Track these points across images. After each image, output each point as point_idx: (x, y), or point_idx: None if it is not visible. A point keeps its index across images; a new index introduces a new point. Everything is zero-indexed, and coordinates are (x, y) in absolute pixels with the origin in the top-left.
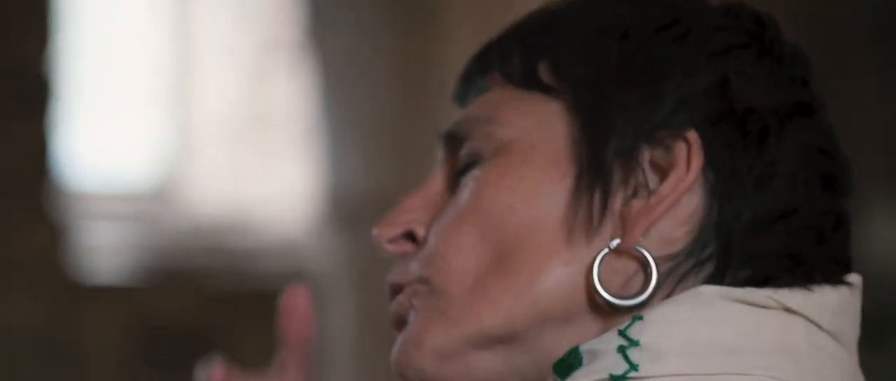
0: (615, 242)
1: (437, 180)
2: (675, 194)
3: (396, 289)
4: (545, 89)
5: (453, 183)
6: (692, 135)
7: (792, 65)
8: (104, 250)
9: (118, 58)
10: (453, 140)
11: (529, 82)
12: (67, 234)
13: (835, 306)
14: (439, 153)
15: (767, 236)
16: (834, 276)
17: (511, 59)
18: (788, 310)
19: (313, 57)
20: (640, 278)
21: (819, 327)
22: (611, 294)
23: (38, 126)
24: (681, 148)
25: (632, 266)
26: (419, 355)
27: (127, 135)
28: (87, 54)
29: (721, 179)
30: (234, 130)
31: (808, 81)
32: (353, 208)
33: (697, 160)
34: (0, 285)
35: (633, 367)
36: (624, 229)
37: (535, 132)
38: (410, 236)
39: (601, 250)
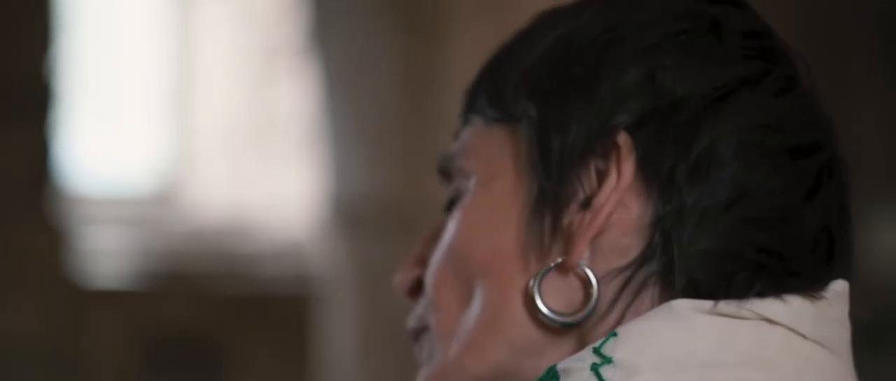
0: (557, 260)
1: (440, 223)
2: (611, 203)
3: (412, 335)
4: (503, 118)
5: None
6: (622, 138)
7: (734, 40)
8: (106, 254)
9: (120, 62)
10: (445, 174)
11: (492, 113)
12: (69, 238)
13: (816, 313)
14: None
15: (719, 228)
16: (812, 267)
17: (479, 91)
18: (767, 320)
19: (316, 61)
20: (585, 293)
21: (802, 336)
22: (553, 312)
23: (40, 131)
24: (613, 154)
25: (578, 283)
26: None
27: (129, 139)
28: (89, 59)
29: (657, 180)
30: (237, 134)
31: (761, 51)
32: (357, 212)
33: (628, 164)
34: (2, 289)
35: None
36: (567, 247)
37: (496, 161)
38: (421, 285)
39: (544, 268)
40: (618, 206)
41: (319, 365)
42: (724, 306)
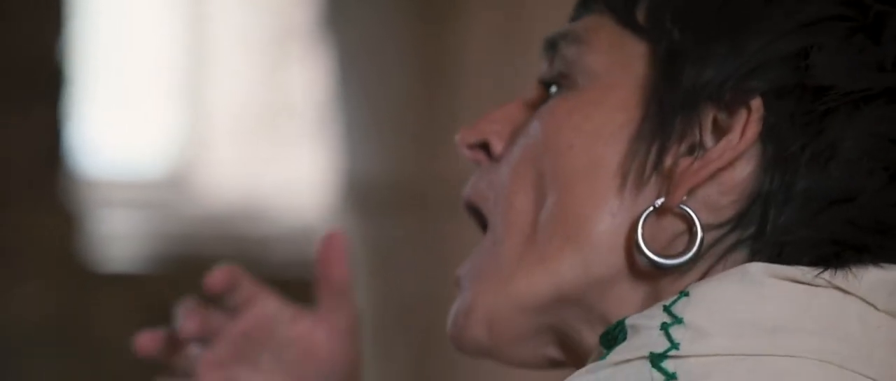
0: (660, 201)
1: (531, 93)
2: (722, 160)
3: (470, 206)
4: (638, 29)
5: (542, 99)
6: (755, 102)
7: (891, 45)
8: (118, 237)
9: (132, 45)
10: (552, 49)
11: (627, 18)
12: (81, 221)
13: (891, 285)
14: (541, 64)
15: (818, 220)
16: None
17: None
18: (841, 290)
19: (328, 43)
20: (683, 239)
21: (874, 307)
22: (654, 253)
23: (52, 114)
24: (741, 114)
25: (675, 226)
26: (471, 324)
27: (141, 123)
28: (102, 43)
29: (777, 153)
30: (249, 117)
31: None
32: (369, 194)
33: (753, 129)
34: (14, 273)
35: (675, 345)
36: (668, 188)
37: (617, 71)
38: (486, 147)
39: (647, 206)
40: (728, 165)
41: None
42: (798, 272)
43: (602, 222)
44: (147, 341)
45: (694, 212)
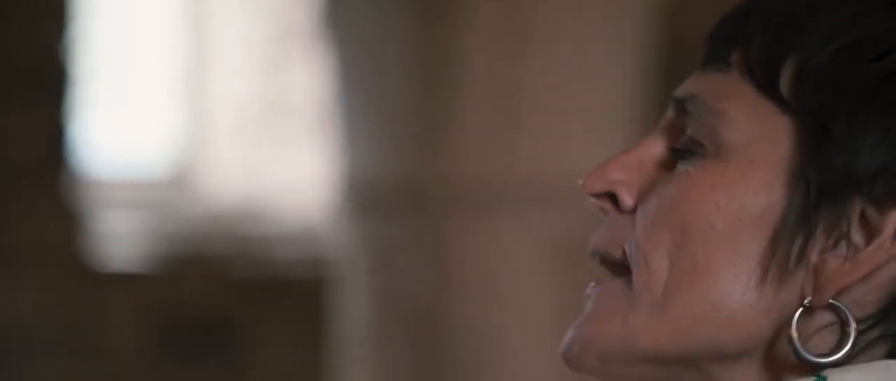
0: (808, 299)
1: (656, 143)
2: (874, 264)
3: (599, 253)
4: (781, 101)
5: (670, 158)
6: None
7: None
8: (121, 237)
9: (135, 46)
10: (681, 108)
11: (768, 86)
12: (84, 221)
13: None
14: (667, 114)
15: None
16: None
17: (755, 45)
18: None
19: (330, 43)
20: (828, 334)
21: None
22: (805, 350)
23: (55, 114)
24: (893, 214)
25: (820, 320)
26: (585, 356)
27: (143, 123)
28: (104, 43)
29: None
30: (250, 117)
31: None
32: (370, 194)
33: None
34: (17, 272)
35: None
36: (815, 286)
37: (760, 146)
38: (613, 197)
39: (789, 298)
40: (881, 265)
41: (333, 347)
42: None
43: (742, 310)
44: None
45: (846, 309)
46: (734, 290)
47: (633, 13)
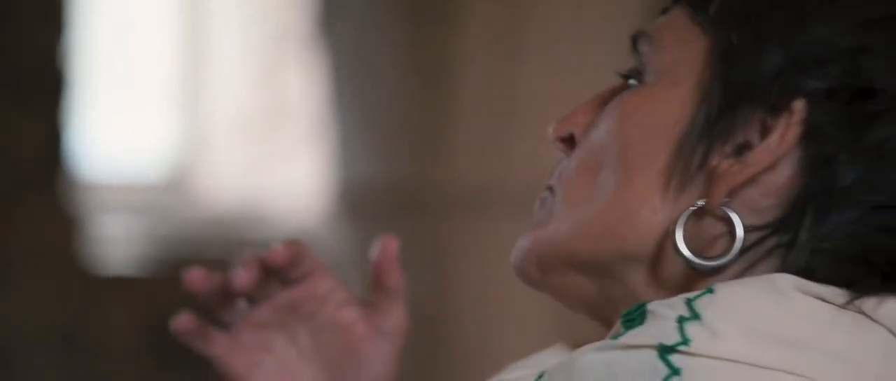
0: (700, 202)
1: (617, 85)
2: (761, 163)
3: (548, 187)
4: (706, 24)
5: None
6: (798, 104)
7: None
8: (118, 240)
9: (132, 50)
10: (634, 46)
11: (700, 12)
12: (81, 225)
13: None
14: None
15: (858, 230)
16: None
17: None
18: (867, 316)
19: (325, 49)
20: (723, 241)
21: None
22: (692, 253)
23: (52, 118)
24: (784, 116)
25: (717, 227)
26: (527, 262)
27: (140, 126)
28: (101, 47)
29: (819, 156)
30: (248, 121)
31: None
32: (367, 198)
33: (793, 132)
34: (14, 276)
35: (685, 341)
36: (709, 188)
37: (683, 67)
38: (572, 139)
39: (688, 205)
40: (768, 167)
41: None
42: (827, 292)
43: (643, 216)
44: (198, 278)
45: (736, 214)
46: (642, 199)
47: (632, 13)
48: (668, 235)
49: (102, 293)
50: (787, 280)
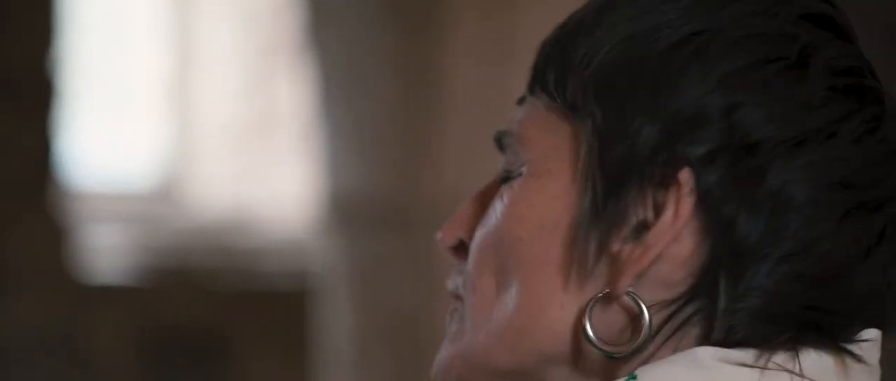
0: (604, 290)
1: (493, 185)
2: (661, 242)
3: (452, 297)
4: (567, 109)
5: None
6: (684, 174)
7: (820, 79)
8: (108, 250)
9: (121, 59)
10: (499, 145)
11: (557, 99)
12: (71, 234)
13: (845, 367)
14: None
15: (770, 285)
16: (857, 326)
17: (548, 65)
18: (792, 373)
19: (313, 59)
20: (630, 323)
21: None
22: (603, 343)
23: (42, 127)
24: (673, 189)
25: (628, 312)
26: (447, 378)
27: (130, 136)
28: (91, 56)
29: (719, 220)
30: (237, 130)
31: (847, 91)
32: (354, 208)
33: (686, 203)
34: (5, 285)
35: None
36: (614, 275)
37: (553, 156)
38: (463, 245)
39: (595, 295)
40: (671, 242)
41: (318, 359)
42: (748, 356)
43: (552, 314)
44: None
45: (643, 296)
46: (548, 297)
47: None
48: (581, 328)
49: (93, 302)
50: (708, 353)
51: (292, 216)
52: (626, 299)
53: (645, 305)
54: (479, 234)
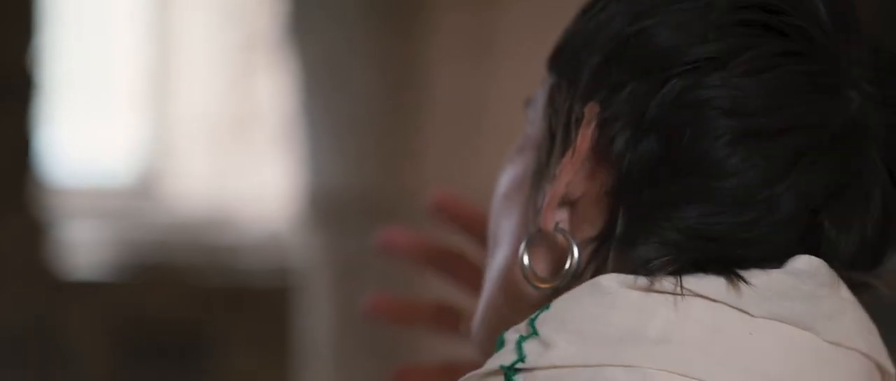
0: (536, 229)
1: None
2: (567, 174)
3: None
4: (556, 79)
5: None
6: (590, 107)
7: (720, 12)
8: (87, 246)
9: (100, 54)
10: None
11: (550, 68)
12: (50, 230)
13: (768, 290)
14: None
15: (677, 211)
16: (779, 250)
17: (563, 42)
18: (704, 297)
19: (294, 54)
20: (564, 259)
21: (747, 313)
22: (536, 278)
23: (20, 122)
24: (584, 124)
25: (559, 249)
26: (476, 332)
27: (109, 131)
28: (69, 51)
29: (615, 150)
30: (216, 126)
31: (747, 24)
32: (334, 207)
33: (585, 137)
34: None
35: (521, 358)
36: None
37: (538, 124)
38: None
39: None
40: (580, 176)
41: (298, 355)
42: (655, 281)
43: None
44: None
45: (575, 235)
46: (513, 246)
47: None
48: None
49: (72, 298)
50: (611, 278)
51: (272, 213)
52: (557, 235)
53: (574, 239)
54: (493, 203)
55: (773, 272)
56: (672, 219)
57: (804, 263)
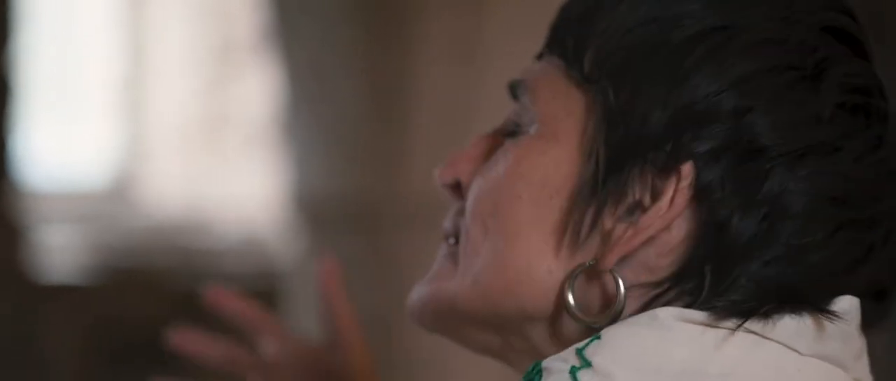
0: (590, 262)
1: (500, 130)
2: (653, 229)
3: (446, 234)
4: (582, 80)
5: (504, 141)
6: (686, 167)
7: (831, 94)
8: (62, 249)
9: (75, 58)
10: (513, 93)
11: (573, 67)
12: (25, 234)
13: (817, 331)
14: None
15: (753, 283)
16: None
17: (568, 32)
18: (756, 334)
19: (276, 57)
20: (606, 299)
21: (796, 351)
22: (581, 312)
23: None
24: (672, 178)
25: (610, 286)
26: (423, 312)
27: (84, 135)
28: (45, 55)
29: (713, 217)
30: (192, 129)
31: (855, 110)
32: (319, 211)
33: (683, 196)
34: None
35: None
36: (603, 250)
37: (563, 121)
38: (459, 185)
39: (580, 266)
40: (662, 229)
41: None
42: (713, 317)
43: (539, 276)
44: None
45: (625, 275)
46: (537, 258)
47: None
48: (563, 295)
49: (45, 302)
50: (669, 312)
51: (249, 217)
52: (608, 276)
53: (624, 285)
54: (479, 183)
55: (821, 314)
56: (755, 278)
57: (848, 303)
